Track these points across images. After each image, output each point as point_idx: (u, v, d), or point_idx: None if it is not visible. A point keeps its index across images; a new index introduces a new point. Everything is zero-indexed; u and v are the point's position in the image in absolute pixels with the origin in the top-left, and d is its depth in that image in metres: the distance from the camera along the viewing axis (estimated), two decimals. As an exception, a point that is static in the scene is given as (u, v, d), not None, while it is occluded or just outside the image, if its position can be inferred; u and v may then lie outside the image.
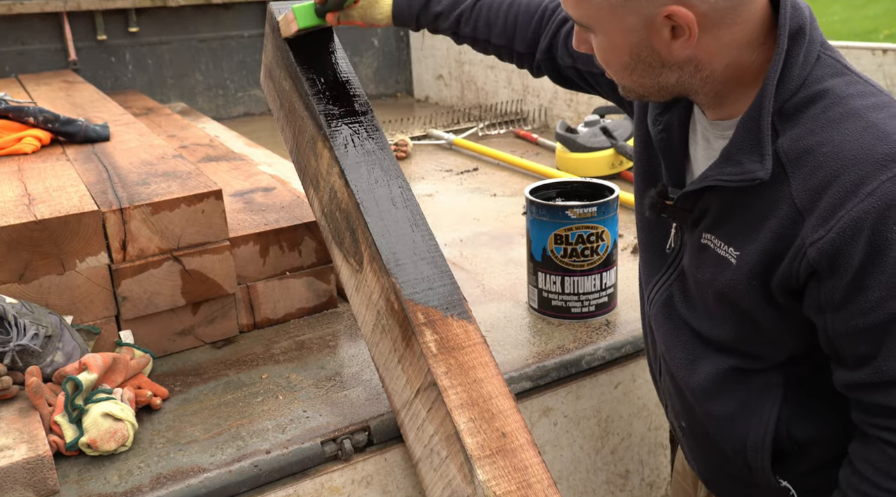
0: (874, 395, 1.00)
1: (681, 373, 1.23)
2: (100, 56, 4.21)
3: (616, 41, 1.05)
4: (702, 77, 1.05)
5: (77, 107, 2.82)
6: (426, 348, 1.32)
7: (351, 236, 1.54)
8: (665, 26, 0.99)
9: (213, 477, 1.34)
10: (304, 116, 1.69)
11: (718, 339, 1.17)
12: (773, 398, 1.15)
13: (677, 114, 1.19)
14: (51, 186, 1.76)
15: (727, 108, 1.09)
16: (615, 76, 1.11)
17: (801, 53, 1.02)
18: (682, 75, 1.05)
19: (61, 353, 1.50)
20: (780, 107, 1.02)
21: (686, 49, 1.01)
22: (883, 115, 0.97)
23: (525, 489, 1.21)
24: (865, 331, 0.98)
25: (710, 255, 1.12)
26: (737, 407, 1.18)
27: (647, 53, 1.04)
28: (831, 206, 0.95)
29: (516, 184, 3.03)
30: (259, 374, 1.67)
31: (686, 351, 1.22)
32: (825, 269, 0.97)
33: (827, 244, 0.95)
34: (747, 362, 1.16)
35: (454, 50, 4.64)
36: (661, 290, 1.26)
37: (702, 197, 1.12)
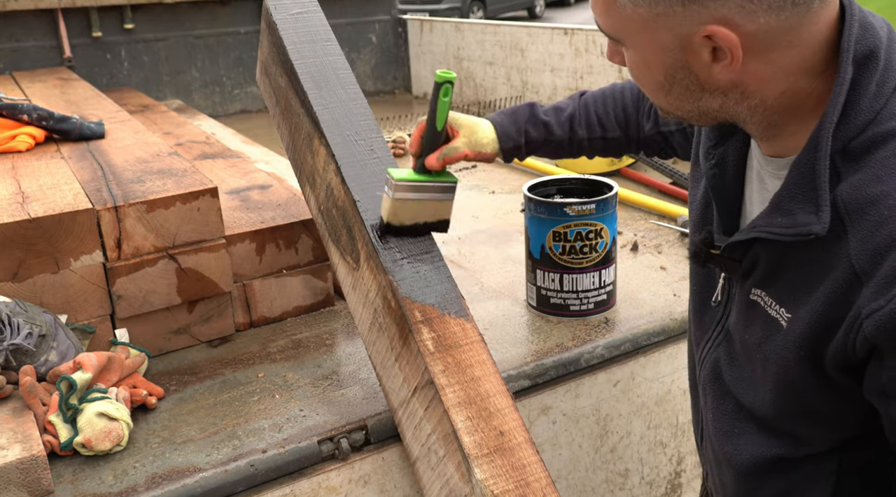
0: None
1: (724, 447, 1.11)
2: (95, 53, 4.21)
3: (649, 58, 0.93)
4: (750, 106, 0.92)
5: (72, 104, 2.82)
6: (423, 346, 1.32)
7: (347, 234, 1.54)
8: (704, 47, 0.87)
9: (209, 477, 1.34)
10: (300, 113, 1.69)
11: (763, 413, 1.04)
12: (822, 487, 1.02)
13: (733, 147, 1.06)
14: (45, 184, 1.76)
15: (784, 141, 0.95)
16: (650, 96, 1.00)
17: (872, 83, 0.87)
18: (725, 102, 0.93)
19: (56, 352, 1.50)
20: (845, 146, 0.87)
21: (729, 74, 0.89)
22: None
23: (523, 488, 1.21)
24: None
25: (760, 314, 0.99)
26: (780, 492, 1.06)
27: (683, 75, 0.92)
28: (893, 272, 0.81)
29: (515, 181, 3.03)
30: (255, 373, 1.67)
31: (730, 422, 1.09)
32: (886, 345, 0.83)
33: (886, 317, 0.81)
34: (793, 446, 1.02)
35: (453, 46, 4.64)
36: (711, 350, 1.13)
37: (751, 248, 0.99)
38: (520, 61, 4.12)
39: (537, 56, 4.01)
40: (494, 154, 1.48)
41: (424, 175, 1.39)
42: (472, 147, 1.43)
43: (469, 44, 4.49)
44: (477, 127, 1.45)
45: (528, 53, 4.07)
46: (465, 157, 1.43)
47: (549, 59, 3.92)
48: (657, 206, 2.53)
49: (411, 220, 1.43)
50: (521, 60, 4.10)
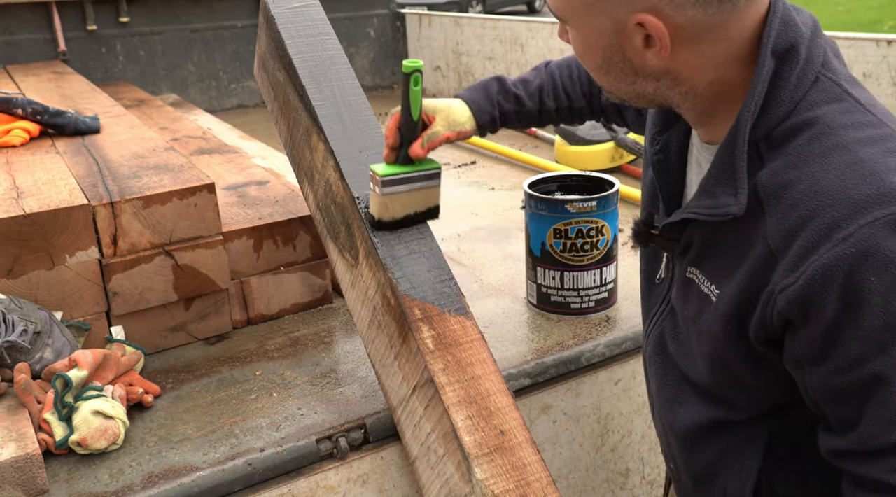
0: (859, 466, 0.92)
1: (666, 415, 1.19)
2: (90, 46, 4.20)
3: (589, 40, 0.99)
4: (681, 92, 0.98)
5: (67, 98, 2.81)
6: (423, 345, 1.32)
7: (346, 231, 1.54)
8: (637, 34, 0.93)
9: (206, 476, 1.34)
10: (298, 108, 1.68)
11: (701, 382, 1.12)
12: (754, 451, 1.09)
13: (676, 134, 1.12)
14: (40, 180, 1.76)
15: (716, 128, 1.01)
16: (593, 75, 1.05)
17: (792, 75, 0.93)
18: (658, 86, 0.99)
19: (51, 349, 1.50)
20: (768, 134, 0.94)
21: (660, 61, 0.95)
22: (874, 151, 0.88)
23: (523, 488, 1.21)
24: (845, 392, 0.90)
25: (695, 291, 1.06)
26: (717, 455, 1.13)
27: (618, 58, 0.98)
28: (803, 251, 0.87)
29: (515, 177, 3.03)
30: (253, 371, 1.66)
31: (673, 392, 1.17)
32: (797, 319, 0.90)
33: (796, 292, 0.88)
34: (728, 412, 1.10)
35: (452, 41, 4.64)
36: (656, 325, 1.21)
37: (686, 228, 1.05)
38: (519, 56, 4.11)
39: (537, 51, 4.00)
40: (473, 130, 1.52)
41: (408, 166, 1.40)
42: (451, 128, 1.47)
43: (468, 38, 4.49)
44: (451, 108, 1.49)
45: (528, 48, 4.06)
46: (448, 139, 1.47)
47: (549, 54, 3.92)
48: (658, 202, 2.52)
49: (402, 213, 1.44)
50: (521, 55, 4.09)
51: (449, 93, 4.72)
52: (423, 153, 1.41)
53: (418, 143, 1.40)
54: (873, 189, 0.85)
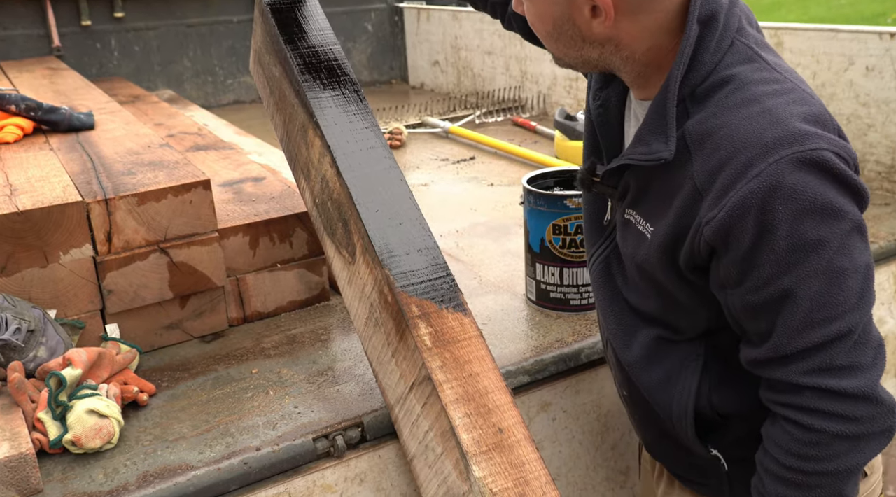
0: (774, 371, 1.07)
1: (616, 342, 1.32)
2: (84, 42, 4.19)
3: (541, 9, 1.12)
4: (622, 57, 1.12)
5: (61, 94, 2.81)
6: (421, 342, 1.32)
7: (343, 227, 1.54)
8: (585, 4, 1.07)
9: (202, 475, 1.34)
10: (294, 104, 1.68)
11: (645, 310, 1.26)
12: (693, 369, 1.22)
13: (615, 90, 1.26)
14: (33, 176, 1.76)
15: (650, 88, 1.15)
16: (545, 43, 1.18)
17: (713, 40, 1.08)
18: (603, 52, 1.12)
19: (44, 348, 1.50)
20: (693, 91, 1.09)
21: (605, 29, 1.08)
22: (780, 101, 1.03)
23: (522, 486, 1.21)
24: (760, 307, 1.04)
25: (632, 230, 1.20)
26: (663, 376, 1.25)
27: (568, 27, 1.11)
28: (724, 187, 1.01)
29: (514, 173, 3.03)
30: (249, 369, 1.66)
31: (619, 321, 1.31)
32: (720, 246, 1.04)
33: (718, 223, 1.02)
34: (671, 333, 1.24)
35: (450, 35, 4.63)
36: (600, 261, 1.34)
37: (623, 175, 1.19)
38: (518, 51, 4.11)
39: (537, 45, 4.00)
40: None
41: None
42: None
43: (467, 33, 4.48)
44: None
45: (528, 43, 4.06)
46: None
47: (549, 48, 3.92)
48: (659, 198, 2.52)
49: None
50: (520, 50, 4.09)
51: (448, 89, 4.72)
52: None
53: None
54: (779, 132, 1.00)
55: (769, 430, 1.11)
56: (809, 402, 1.04)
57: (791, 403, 1.06)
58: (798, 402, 1.05)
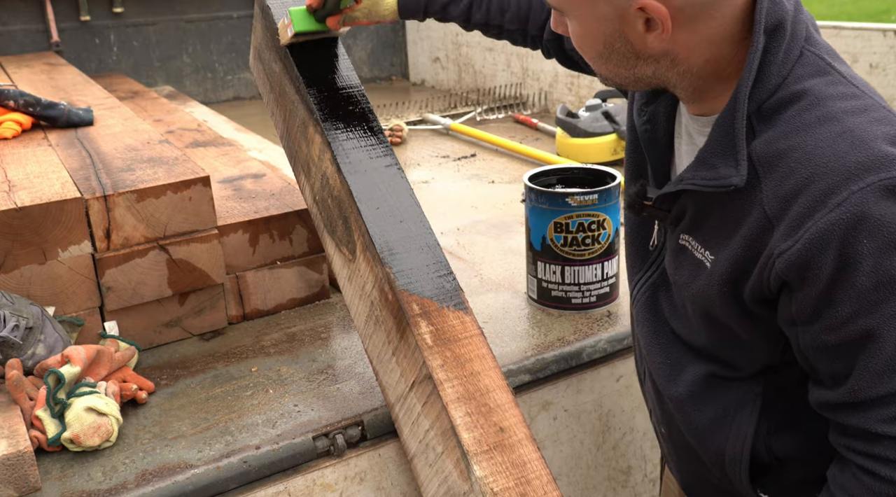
0: (849, 417, 0.98)
1: (661, 377, 1.23)
2: (83, 37, 4.19)
3: (589, 28, 1.03)
4: (679, 72, 1.03)
5: (59, 90, 2.81)
6: (421, 340, 1.32)
7: (343, 224, 1.53)
8: (638, 18, 0.98)
9: (201, 473, 1.34)
10: (294, 100, 1.68)
11: (696, 343, 1.17)
12: (751, 409, 1.14)
13: (664, 105, 1.17)
14: (32, 172, 1.75)
15: (708, 103, 1.07)
16: (591, 63, 1.10)
17: (780, 50, 0.99)
18: (658, 68, 1.04)
19: (43, 345, 1.50)
20: (759, 107, 1.00)
21: (660, 43, 1.00)
22: (861, 120, 0.95)
23: (523, 486, 1.21)
24: (837, 347, 0.96)
25: (688, 257, 1.11)
26: (715, 416, 1.17)
27: (620, 44, 1.02)
28: (800, 216, 0.93)
29: (515, 170, 3.02)
30: (248, 367, 1.66)
31: (666, 354, 1.22)
32: (794, 280, 0.96)
33: (794, 256, 0.93)
34: (725, 370, 1.15)
35: (451, 32, 4.63)
36: (645, 289, 1.26)
37: (679, 198, 1.10)
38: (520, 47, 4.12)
39: (538, 42, 4.00)
40: (393, 21, 1.62)
41: (321, 25, 1.58)
42: (370, 17, 1.58)
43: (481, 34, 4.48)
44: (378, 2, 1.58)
45: (529, 39, 4.06)
46: (363, 24, 1.61)
47: (551, 45, 3.92)
48: (661, 196, 2.52)
49: None
50: (522, 46, 4.10)
51: (449, 85, 4.72)
52: (338, 28, 1.59)
53: (337, 18, 1.56)
54: (863, 156, 0.91)
55: (837, 476, 1.02)
56: (887, 452, 0.96)
57: (866, 452, 0.97)
58: (874, 452, 0.97)
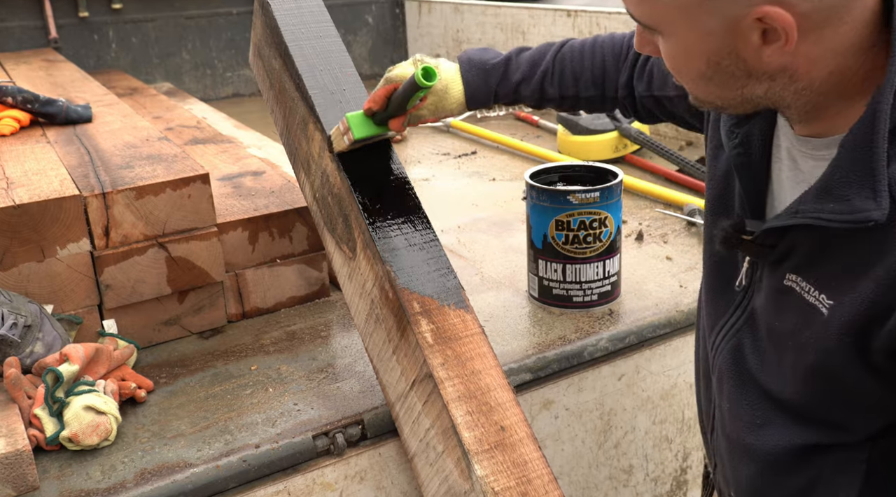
0: None
1: (745, 437, 1.09)
2: (82, 34, 4.18)
3: (690, 46, 0.90)
4: (797, 89, 0.90)
5: (58, 87, 2.80)
6: (422, 339, 1.32)
7: (344, 222, 1.53)
8: (754, 30, 0.85)
9: (200, 472, 1.34)
10: (294, 97, 1.68)
11: (793, 401, 1.02)
12: (852, 478, 1.00)
13: (759, 126, 1.04)
14: (30, 170, 1.75)
15: (823, 122, 0.93)
16: (688, 86, 0.98)
17: None
18: (772, 87, 0.91)
19: (41, 343, 1.50)
20: (893, 126, 0.85)
21: (780, 57, 0.86)
22: None
23: (524, 485, 1.21)
24: None
25: (796, 301, 0.97)
26: (807, 483, 1.04)
27: (729, 62, 0.89)
28: None
29: (516, 168, 3.02)
30: (248, 366, 1.66)
31: (752, 412, 1.08)
32: None
33: None
34: (828, 434, 1.01)
35: (452, 28, 4.62)
36: (730, 335, 1.11)
37: (788, 233, 0.96)
38: (521, 44, 4.11)
39: (539, 39, 3.99)
40: (460, 114, 1.53)
41: (381, 127, 1.46)
42: (436, 114, 1.48)
43: (469, 26, 4.47)
44: (446, 94, 1.47)
45: (530, 36, 4.05)
46: (430, 122, 1.52)
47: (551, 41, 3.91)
48: (663, 194, 2.52)
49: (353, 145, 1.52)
50: (523, 43, 4.08)
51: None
52: (402, 130, 1.46)
53: (401, 120, 1.44)
54: None
55: None
56: None
57: None
58: None
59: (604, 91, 1.48)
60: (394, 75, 1.44)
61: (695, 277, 1.97)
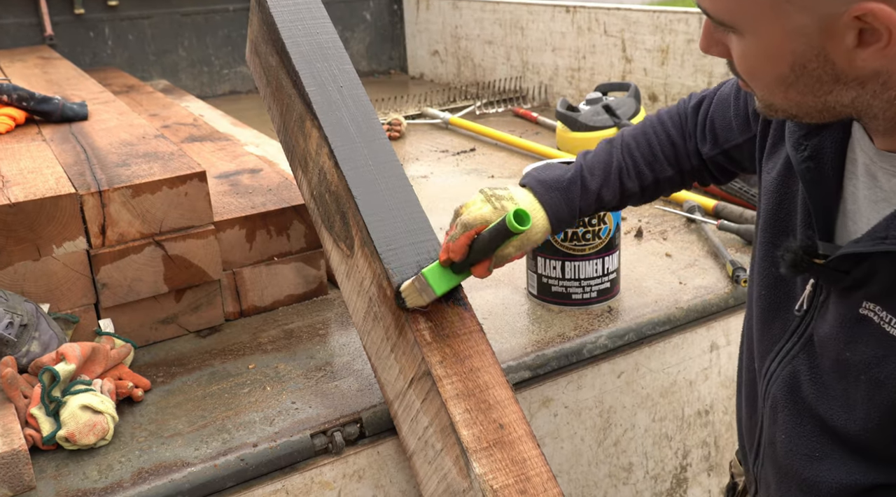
0: None
1: (800, 469, 1.04)
2: (77, 31, 4.18)
3: (773, 46, 0.83)
4: (889, 98, 0.83)
5: (53, 84, 2.80)
6: (420, 336, 1.32)
7: (341, 219, 1.53)
8: (850, 29, 0.78)
9: (198, 471, 1.34)
10: (291, 94, 1.68)
11: (860, 437, 0.96)
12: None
13: (831, 137, 0.97)
14: (25, 168, 1.75)
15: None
16: (762, 91, 0.91)
17: None
18: (861, 94, 0.84)
19: (38, 342, 1.50)
20: None
21: (876, 61, 0.80)
22: None
23: (523, 483, 1.21)
24: None
25: (873, 332, 0.91)
26: None
27: (816, 64, 0.82)
28: None
29: (515, 165, 3.02)
30: (246, 364, 1.66)
31: (810, 444, 1.03)
32: None
33: None
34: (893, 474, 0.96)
35: (450, 25, 4.62)
36: (786, 362, 1.06)
37: (869, 258, 0.89)
38: (520, 40, 4.10)
39: (538, 35, 3.99)
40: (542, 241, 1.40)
41: (462, 275, 1.33)
42: (523, 249, 1.34)
43: (467, 22, 4.47)
44: (532, 230, 1.34)
45: (529, 32, 4.05)
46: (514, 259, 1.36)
47: (551, 37, 3.91)
48: (663, 190, 2.52)
49: None
50: (522, 39, 4.08)
51: (448, 79, 4.71)
52: (487, 275, 1.31)
53: (486, 265, 1.29)
54: None
55: None
56: None
57: None
58: None
59: (680, 167, 1.40)
60: (471, 220, 1.29)
61: (694, 274, 1.97)
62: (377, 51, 5.09)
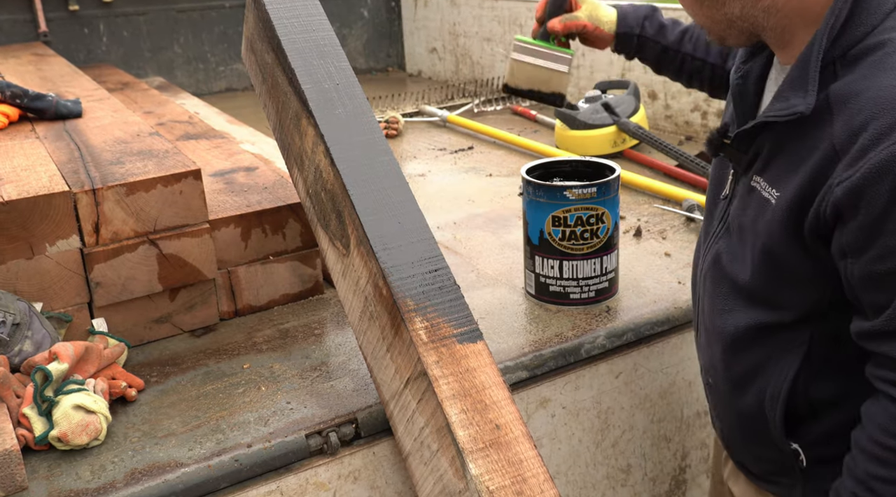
0: (882, 345, 1.06)
1: (715, 322, 1.31)
2: (72, 27, 4.18)
3: None
4: (763, 7, 1.12)
5: (47, 81, 2.80)
6: (416, 336, 1.32)
7: (337, 218, 1.53)
8: None
9: (191, 472, 1.34)
10: (287, 92, 1.68)
11: (749, 285, 1.23)
12: (794, 356, 1.20)
13: (759, 62, 1.28)
14: (19, 165, 1.75)
15: (794, 49, 1.14)
16: (690, 13, 1.22)
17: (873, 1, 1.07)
18: (744, 5, 1.13)
19: (30, 341, 1.50)
20: (844, 53, 1.08)
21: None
22: None
23: (520, 484, 1.21)
24: (882, 277, 1.02)
25: (756, 198, 1.19)
26: (760, 360, 1.24)
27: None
28: (862, 148, 1.00)
29: (513, 163, 3.02)
30: (240, 364, 1.66)
31: (723, 301, 1.29)
32: (848, 210, 1.02)
33: (851, 184, 1.00)
34: (774, 314, 1.21)
35: (448, 22, 4.62)
36: (713, 242, 1.33)
37: (756, 138, 1.19)
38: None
39: (537, 32, 3.99)
40: (610, 36, 1.74)
41: (543, 41, 1.67)
42: (591, 20, 1.71)
43: (465, 19, 4.47)
44: (599, 5, 1.73)
45: (527, 29, 4.05)
46: (585, 28, 1.73)
47: (550, 35, 3.91)
48: (661, 189, 2.52)
49: (527, 86, 1.73)
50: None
51: (446, 76, 4.71)
52: (560, 28, 1.70)
53: (558, 18, 1.70)
54: None
55: (868, 408, 1.10)
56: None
57: (894, 380, 1.05)
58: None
59: (726, 62, 1.66)
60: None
61: (693, 274, 1.97)
62: (374, 48, 5.09)
